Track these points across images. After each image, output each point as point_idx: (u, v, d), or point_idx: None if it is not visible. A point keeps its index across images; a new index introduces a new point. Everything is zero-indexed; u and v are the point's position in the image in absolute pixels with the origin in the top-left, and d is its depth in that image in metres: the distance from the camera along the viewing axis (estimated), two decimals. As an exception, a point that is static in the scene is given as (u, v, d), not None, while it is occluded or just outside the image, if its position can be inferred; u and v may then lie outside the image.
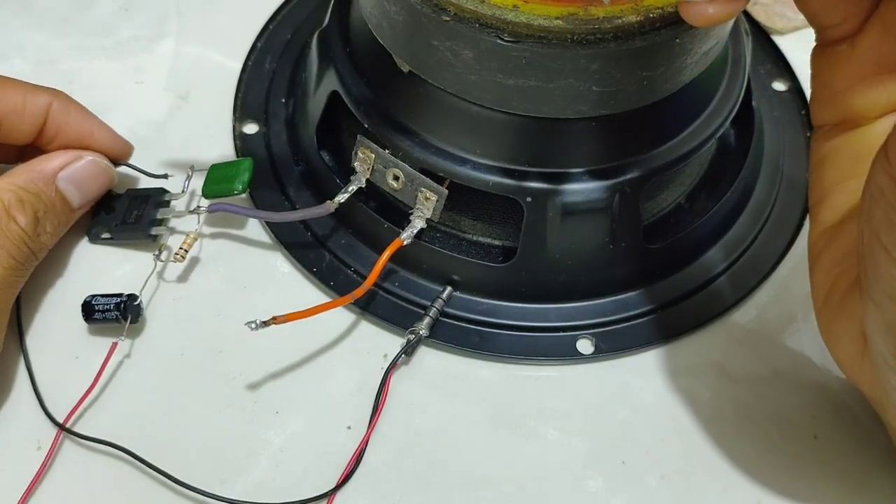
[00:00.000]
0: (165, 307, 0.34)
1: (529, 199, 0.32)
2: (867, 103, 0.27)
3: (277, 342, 0.33)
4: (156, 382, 0.33)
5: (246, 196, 0.36)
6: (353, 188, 0.34)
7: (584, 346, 0.34)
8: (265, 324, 0.29)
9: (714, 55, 0.32)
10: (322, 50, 0.37)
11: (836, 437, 0.32)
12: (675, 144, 0.33)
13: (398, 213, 0.34)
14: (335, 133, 0.37)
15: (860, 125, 0.28)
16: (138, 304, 0.33)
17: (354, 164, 0.34)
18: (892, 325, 0.23)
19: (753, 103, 0.37)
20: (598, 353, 0.34)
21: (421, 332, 0.33)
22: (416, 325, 0.33)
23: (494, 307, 0.35)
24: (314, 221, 0.36)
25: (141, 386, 0.32)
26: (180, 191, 0.36)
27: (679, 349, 0.34)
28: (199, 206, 0.35)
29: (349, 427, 0.32)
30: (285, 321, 0.30)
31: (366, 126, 0.33)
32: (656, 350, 0.34)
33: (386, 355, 0.34)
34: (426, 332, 0.33)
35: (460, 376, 0.33)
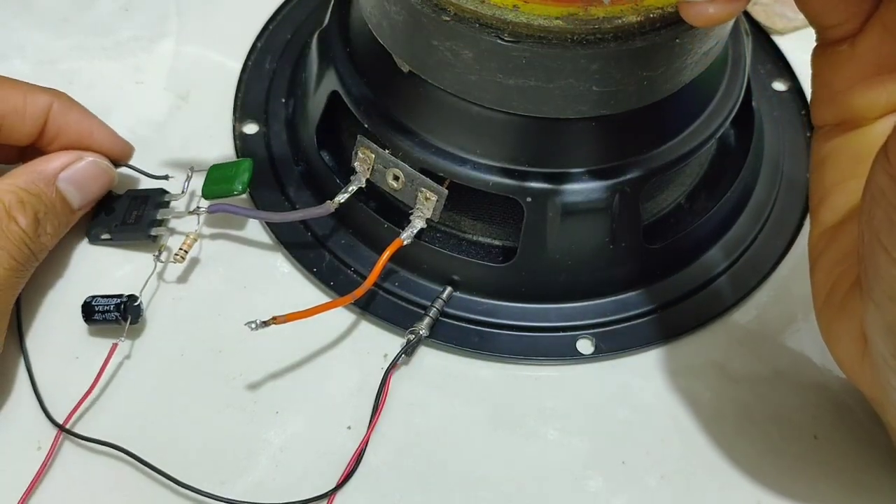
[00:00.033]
0: (165, 307, 0.34)
1: (529, 199, 0.32)
2: (867, 103, 0.27)
3: (277, 342, 0.33)
4: (156, 383, 0.33)
5: (246, 196, 0.36)
6: (353, 188, 0.34)
7: (584, 346, 0.34)
8: (265, 324, 0.29)
9: (714, 55, 0.32)
10: (322, 50, 0.37)
11: (837, 437, 0.32)
12: (675, 144, 0.33)
13: (398, 213, 0.34)
14: (335, 133, 0.37)
15: (860, 125, 0.28)
16: (138, 305, 0.33)
17: (354, 164, 0.34)
18: (893, 326, 0.23)
19: (753, 103, 0.37)
20: (598, 353, 0.34)
21: (421, 332, 0.33)
22: (416, 325, 0.33)
23: (494, 307, 0.35)
24: (314, 221, 0.36)
25: (141, 386, 0.32)
26: (180, 191, 0.36)
27: (679, 349, 0.34)
28: (198, 207, 0.35)
29: (349, 427, 0.32)
30: (285, 321, 0.30)
31: (366, 126, 0.33)
32: (656, 350, 0.34)
33: (386, 355, 0.34)
34: (426, 332, 0.33)
35: (460, 376, 0.33)
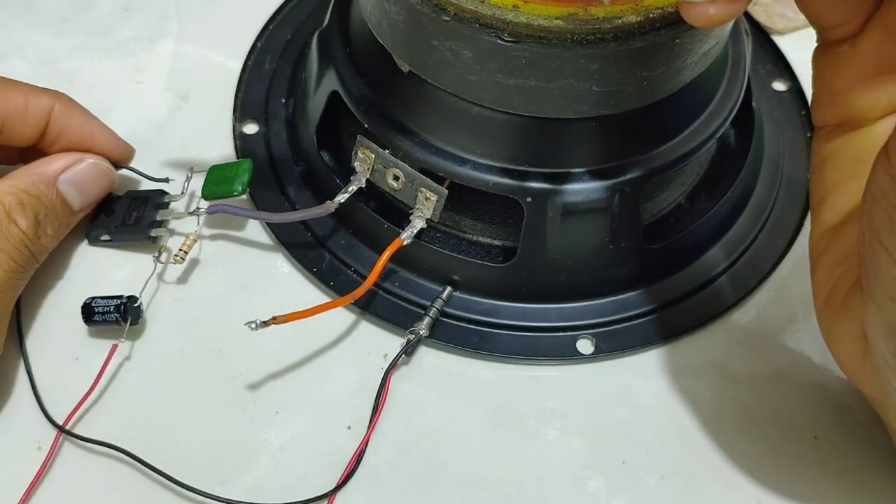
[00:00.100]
0: (165, 308, 0.34)
1: (529, 199, 0.32)
2: (868, 104, 0.27)
3: (277, 342, 0.33)
4: (155, 383, 0.33)
5: (246, 196, 0.36)
6: (353, 188, 0.34)
7: (584, 346, 0.34)
8: (265, 324, 0.29)
9: (714, 55, 0.32)
10: (322, 50, 0.37)
11: (837, 437, 0.32)
12: (675, 144, 0.33)
13: (398, 213, 0.34)
14: (335, 133, 0.37)
15: (861, 126, 0.28)
16: (138, 306, 0.33)
17: (354, 164, 0.34)
18: (893, 326, 0.23)
19: (753, 103, 0.37)
20: (598, 353, 0.34)
21: (421, 332, 0.33)
22: (416, 325, 0.33)
23: (494, 307, 0.35)
24: (314, 221, 0.36)
25: (140, 387, 0.32)
26: (179, 192, 0.36)
27: (679, 349, 0.34)
28: (198, 208, 0.35)
29: (349, 427, 0.32)
30: (285, 321, 0.30)
31: (366, 126, 0.33)
32: (656, 350, 0.34)
33: (386, 355, 0.34)
34: (426, 332, 0.33)
35: (460, 376, 0.33)
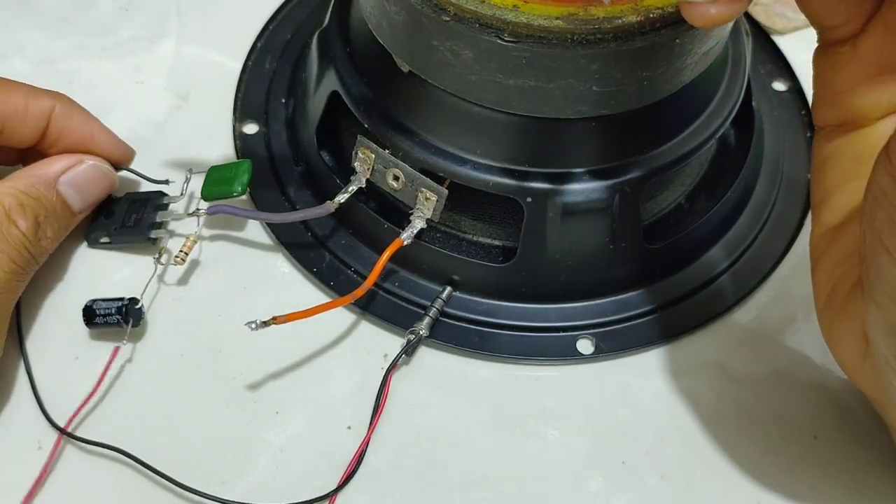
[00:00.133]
0: (165, 309, 0.34)
1: (529, 200, 0.32)
2: (869, 104, 0.27)
3: (277, 342, 0.33)
4: (155, 384, 0.32)
5: (246, 196, 0.36)
6: (353, 188, 0.34)
7: (584, 346, 0.34)
8: (265, 324, 0.29)
9: (714, 55, 0.32)
10: (322, 50, 0.37)
11: (837, 437, 0.32)
12: (675, 144, 0.33)
13: (398, 214, 0.34)
14: (335, 133, 0.37)
15: (862, 126, 0.28)
16: (139, 308, 0.33)
17: (354, 164, 0.34)
18: (894, 326, 0.23)
19: (753, 103, 0.37)
20: (598, 353, 0.34)
21: (421, 332, 0.33)
22: (416, 325, 0.33)
23: (494, 307, 0.35)
24: (314, 221, 0.36)
25: (140, 388, 0.32)
26: (179, 193, 0.36)
27: (679, 349, 0.34)
28: (198, 209, 0.35)
29: (349, 427, 0.32)
30: (285, 321, 0.30)
31: (366, 126, 0.33)
32: (656, 350, 0.34)
33: (386, 355, 0.34)
34: (426, 332, 0.33)
35: (460, 376, 0.33)
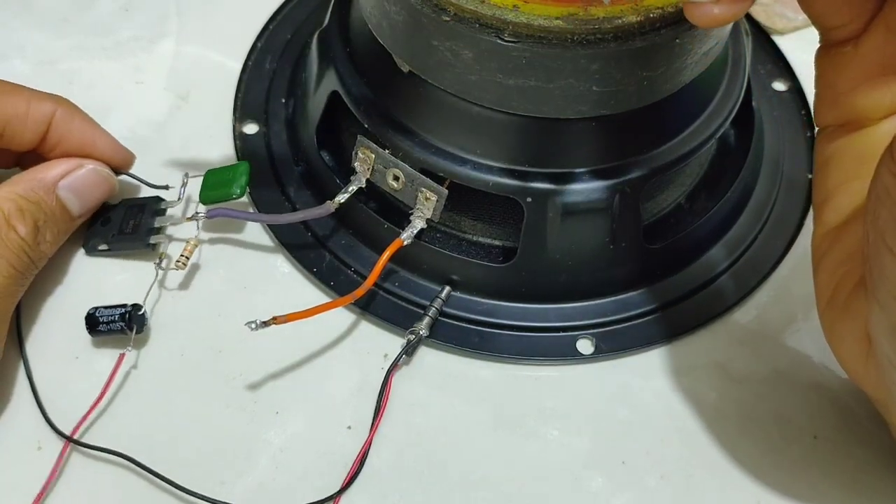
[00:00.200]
0: (166, 310, 0.34)
1: (529, 200, 0.32)
2: (871, 104, 0.27)
3: (277, 342, 0.33)
4: (155, 385, 0.32)
5: (245, 197, 0.36)
6: (353, 188, 0.34)
7: (584, 346, 0.34)
8: (265, 324, 0.29)
9: (714, 55, 0.32)
10: (322, 50, 0.37)
11: (837, 437, 0.32)
12: (675, 144, 0.33)
13: (398, 214, 0.34)
14: (335, 133, 0.37)
15: (864, 126, 0.28)
16: (142, 314, 0.33)
17: (354, 164, 0.34)
18: None
19: (753, 103, 0.37)
20: (598, 353, 0.34)
21: (421, 332, 0.33)
22: (416, 325, 0.33)
23: (494, 307, 0.35)
24: (314, 222, 0.36)
25: (141, 390, 0.32)
26: (176, 198, 0.36)
27: (679, 349, 0.34)
28: (197, 213, 0.35)
29: (349, 427, 0.32)
30: (285, 321, 0.30)
31: (366, 126, 0.33)
32: (657, 350, 0.34)
33: (386, 355, 0.34)
34: (426, 332, 0.33)
35: (460, 376, 0.33)
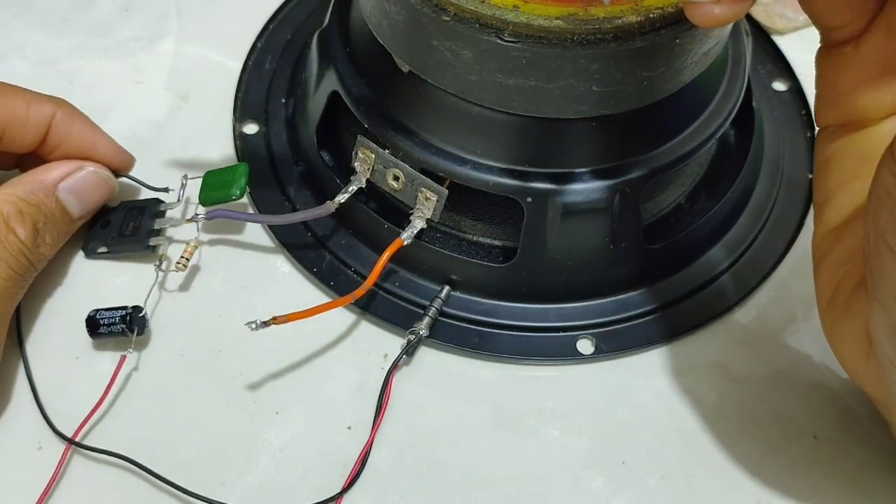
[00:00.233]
0: (166, 311, 0.34)
1: (530, 200, 0.32)
2: (872, 104, 0.27)
3: (277, 342, 0.33)
4: (156, 386, 0.32)
5: (245, 196, 0.36)
6: (353, 188, 0.34)
7: (585, 346, 0.34)
8: (265, 324, 0.29)
9: (714, 55, 0.32)
10: (322, 50, 0.37)
11: (837, 437, 0.32)
12: (675, 144, 0.33)
13: (398, 214, 0.34)
14: (335, 133, 0.37)
15: (865, 126, 0.28)
16: (143, 316, 0.33)
17: (354, 164, 0.34)
18: None
19: (753, 103, 0.37)
20: (599, 353, 0.34)
21: (421, 332, 0.33)
22: (416, 325, 0.33)
23: (494, 307, 0.35)
24: (314, 222, 0.36)
25: (141, 391, 0.32)
26: (175, 200, 0.36)
27: (679, 349, 0.34)
28: (196, 214, 0.35)
29: (349, 427, 0.32)
30: (285, 321, 0.30)
31: (366, 126, 0.33)
32: (657, 350, 0.34)
33: (386, 355, 0.34)
34: (426, 332, 0.33)
35: (460, 376, 0.33)
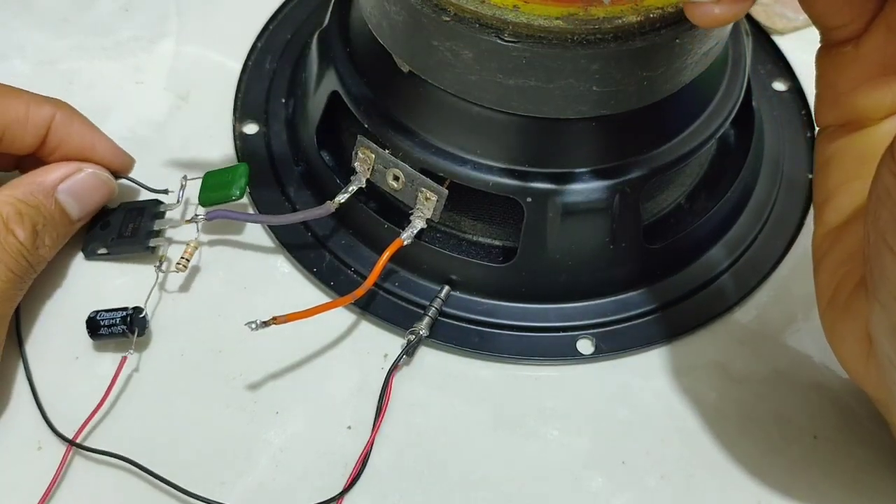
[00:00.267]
0: (166, 315, 0.34)
1: (530, 200, 0.32)
2: (872, 104, 0.27)
3: (277, 342, 0.33)
4: (156, 389, 0.32)
5: (245, 196, 0.36)
6: (353, 188, 0.34)
7: (585, 346, 0.34)
8: (265, 324, 0.29)
9: (714, 55, 0.32)
10: (322, 50, 0.37)
11: (837, 437, 0.32)
12: (675, 144, 0.33)
13: (398, 214, 0.34)
14: (335, 133, 0.37)
15: (865, 126, 0.28)
16: (143, 317, 0.33)
17: (354, 164, 0.34)
18: None
19: (753, 103, 0.37)
20: (598, 353, 0.34)
21: (421, 332, 0.33)
22: (416, 325, 0.33)
23: (494, 307, 0.35)
24: (314, 222, 0.36)
25: (142, 391, 0.32)
26: (175, 201, 0.36)
27: (679, 349, 0.34)
28: (196, 215, 0.35)
29: (349, 427, 0.32)
30: (285, 321, 0.30)
31: (366, 126, 0.33)
32: (657, 350, 0.34)
33: (386, 355, 0.34)
34: (426, 332, 0.33)
35: (460, 376, 0.33)
